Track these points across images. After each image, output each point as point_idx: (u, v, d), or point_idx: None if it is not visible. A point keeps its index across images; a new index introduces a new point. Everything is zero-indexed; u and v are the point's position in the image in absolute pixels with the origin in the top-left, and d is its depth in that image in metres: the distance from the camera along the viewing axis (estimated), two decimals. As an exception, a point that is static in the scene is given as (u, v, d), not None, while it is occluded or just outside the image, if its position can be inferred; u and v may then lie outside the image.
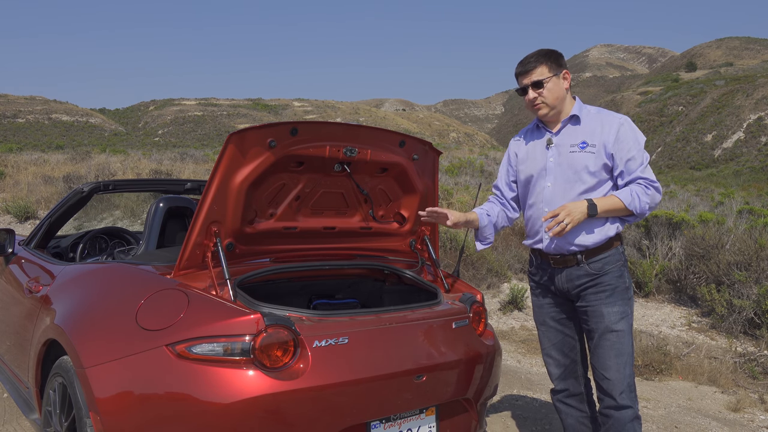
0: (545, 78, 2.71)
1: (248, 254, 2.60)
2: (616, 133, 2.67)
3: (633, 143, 2.67)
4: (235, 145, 2.33)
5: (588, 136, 2.72)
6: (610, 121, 2.72)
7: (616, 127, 2.68)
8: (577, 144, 2.72)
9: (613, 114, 2.77)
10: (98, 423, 2.23)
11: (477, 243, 2.98)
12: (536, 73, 2.72)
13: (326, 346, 2.23)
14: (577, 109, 2.78)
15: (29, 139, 76.11)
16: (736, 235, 8.19)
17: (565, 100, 2.77)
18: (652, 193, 2.66)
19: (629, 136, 2.68)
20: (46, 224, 3.67)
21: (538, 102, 2.75)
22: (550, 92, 2.73)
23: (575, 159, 2.71)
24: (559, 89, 2.74)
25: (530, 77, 2.74)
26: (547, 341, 2.94)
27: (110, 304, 2.53)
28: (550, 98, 2.73)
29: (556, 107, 2.76)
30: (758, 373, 5.35)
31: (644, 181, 2.67)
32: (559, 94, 2.74)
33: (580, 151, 2.71)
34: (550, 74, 2.72)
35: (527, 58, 2.77)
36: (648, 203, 2.67)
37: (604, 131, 2.69)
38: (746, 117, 74.50)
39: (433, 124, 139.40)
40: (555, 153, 2.78)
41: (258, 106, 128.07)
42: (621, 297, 2.70)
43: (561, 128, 2.79)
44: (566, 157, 2.74)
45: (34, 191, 13.38)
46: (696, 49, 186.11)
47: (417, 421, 2.51)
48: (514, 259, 8.60)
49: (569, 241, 2.72)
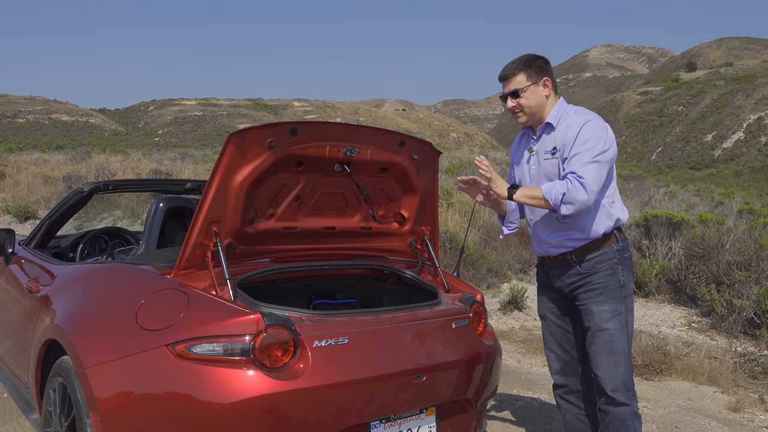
0: (522, 87, 2.73)
1: (248, 254, 2.60)
2: (576, 133, 2.63)
3: (586, 141, 2.59)
4: (235, 145, 2.33)
5: (558, 141, 2.72)
6: (574, 122, 2.68)
7: (578, 128, 2.64)
8: (549, 151, 2.75)
9: (583, 115, 2.70)
10: (98, 423, 2.23)
11: (504, 228, 3.04)
12: (514, 81, 2.75)
13: (326, 346, 2.24)
14: (553, 116, 2.76)
15: (29, 139, 76.10)
16: (736, 235, 8.19)
17: (545, 107, 2.77)
18: (572, 188, 2.53)
19: (586, 135, 2.61)
20: (46, 224, 3.67)
21: (517, 111, 2.79)
22: (527, 101, 2.75)
23: (548, 166, 2.75)
24: (537, 97, 2.75)
25: (508, 86, 2.77)
26: (548, 335, 3.00)
27: (110, 304, 2.53)
28: (528, 107, 2.76)
29: (536, 114, 2.78)
30: (758, 373, 5.35)
31: (573, 175, 2.56)
32: (537, 102, 2.75)
33: (551, 158, 2.74)
34: (528, 83, 2.73)
35: (507, 65, 2.79)
36: (562, 196, 2.55)
37: (567, 134, 2.68)
38: (746, 117, 74.48)
39: (433, 124, 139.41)
40: (535, 161, 2.83)
41: (258, 106, 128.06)
42: (613, 295, 2.71)
43: (539, 136, 2.82)
44: (543, 165, 2.78)
45: (34, 191, 13.38)
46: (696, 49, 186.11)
47: (417, 421, 2.51)
48: (514, 259, 8.60)
49: (553, 244, 2.78)
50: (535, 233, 2.89)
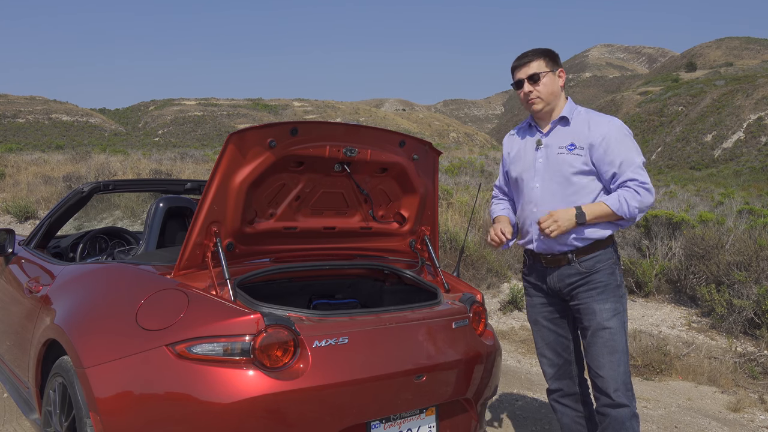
0: (542, 72, 2.72)
1: (248, 254, 2.60)
2: (603, 135, 2.64)
3: (621, 145, 2.64)
4: (235, 145, 2.33)
5: (576, 137, 2.71)
6: (597, 123, 2.69)
7: (605, 130, 2.66)
8: (566, 146, 2.72)
9: (602, 116, 2.75)
10: (98, 423, 2.23)
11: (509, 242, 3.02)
12: (533, 66, 2.73)
13: (326, 346, 2.24)
14: (567, 111, 2.77)
15: (29, 139, 76.09)
16: (736, 235, 8.19)
17: (559, 97, 2.78)
18: (642, 197, 2.61)
19: (617, 138, 2.64)
20: (46, 224, 3.67)
21: (533, 96, 2.74)
22: (545, 87, 2.73)
23: (563, 161, 2.71)
24: (554, 85, 2.75)
25: (527, 71, 2.74)
26: (540, 340, 2.95)
27: (110, 304, 2.53)
28: (546, 93, 2.73)
29: (551, 103, 2.76)
30: (758, 373, 5.35)
31: (634, 183, 2.62)
32: (554, 90, 2.75)
33: (568, 153, 2.70)
34: (547, 69, 2.73)
35: (524, 53, 2.79)
36: (637, 207, 2.62)
37: (592, 133, 2.67)
38: (746, 117, 74.48)
39: (433, 124, 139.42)
40: (543, 154, 2.78)
41: (258, 106, 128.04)
42: (613, 294, 2.71)
43: (551, 129, 2.79)
44: (554, 159, 2.74)
45: (34, 191, 13.39)
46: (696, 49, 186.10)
47: (417, 421, 2.51)
48: (514, 259, 8.60)
49: (559, 242, 2.74)
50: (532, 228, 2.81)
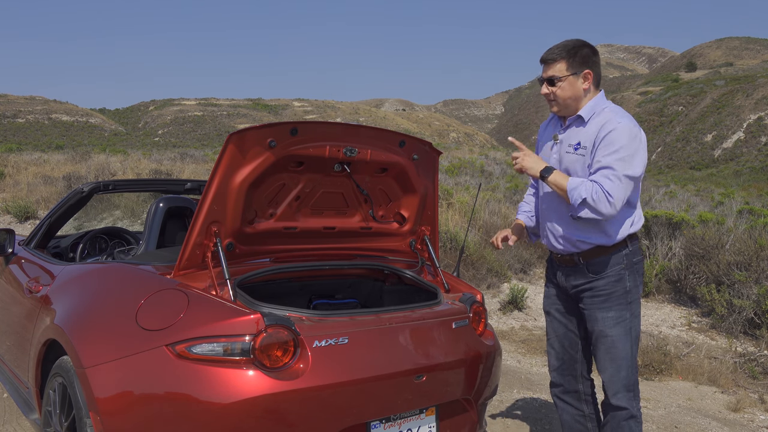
0: (560, 76, 2.64)
1: (248, 254, 2.60)
2: (604, 136, 2.57)
3: (618, 149, 2.52)
4: (235, 145, 2.33)
5: (584, 138, 2.65)
6: (608, 122, 2.60)
7: (608, 131, 2.57)
8: (573, 145, 2.69)
9: (617, 116, 2.61)
10: (98, 423, 2.23)
11: (531, 236, 3.06)
12: (553, 68, 2.66)
13: (326, 346, 2.24)
14: (586, 111, 2.67)
15: (29, 139, 76.06)
16: (736, 235, 8.18)
17: (581, 100, 2.68)
18: (597, 198, 2.49)
19: (620, 141, 2.53)
20: (46, 224, 3.67)
21: (550, 99, 2.71)
22: (562, 91, 2.65)
23: (568, 160, 2.70)
24: (574, 89, 2.65)
25: (548, 71, 2.68)
26: (551, 331, 2.99)
27: (110, 304, 2.53)
28: (562, 97, 2.67)
29: (569, 107, 2.69)
30: (758, 373, 5.35)
31: (600, 187, 2.50)
32: (572, 94, 2.65)
33: (573, 152, 2.68)
34: (567, 73, 2.63)
35: (552, 48, 2.69)
36: (584, 199, 2.51)
37: (599, 134, 2.59)
38: (746, 117, 74.45)
39: (433, 124, 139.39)
40: (558, 150, 2.76)
41: (258, 106, 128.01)
42: (618, 302, 2.68)
43: (568, 126, 2.75)
44: (564, 157, 2.72)
45: (34, 191, 13.38)
46: (696, 49, 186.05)
47: (417, 421, 2.51)
48: (514, 259, 8.60)
49: (560, 243, 2.75)
50: (544, 223, 2.85)
